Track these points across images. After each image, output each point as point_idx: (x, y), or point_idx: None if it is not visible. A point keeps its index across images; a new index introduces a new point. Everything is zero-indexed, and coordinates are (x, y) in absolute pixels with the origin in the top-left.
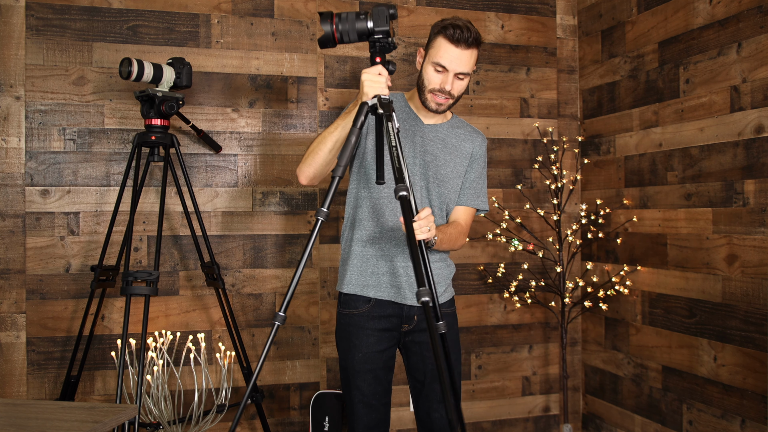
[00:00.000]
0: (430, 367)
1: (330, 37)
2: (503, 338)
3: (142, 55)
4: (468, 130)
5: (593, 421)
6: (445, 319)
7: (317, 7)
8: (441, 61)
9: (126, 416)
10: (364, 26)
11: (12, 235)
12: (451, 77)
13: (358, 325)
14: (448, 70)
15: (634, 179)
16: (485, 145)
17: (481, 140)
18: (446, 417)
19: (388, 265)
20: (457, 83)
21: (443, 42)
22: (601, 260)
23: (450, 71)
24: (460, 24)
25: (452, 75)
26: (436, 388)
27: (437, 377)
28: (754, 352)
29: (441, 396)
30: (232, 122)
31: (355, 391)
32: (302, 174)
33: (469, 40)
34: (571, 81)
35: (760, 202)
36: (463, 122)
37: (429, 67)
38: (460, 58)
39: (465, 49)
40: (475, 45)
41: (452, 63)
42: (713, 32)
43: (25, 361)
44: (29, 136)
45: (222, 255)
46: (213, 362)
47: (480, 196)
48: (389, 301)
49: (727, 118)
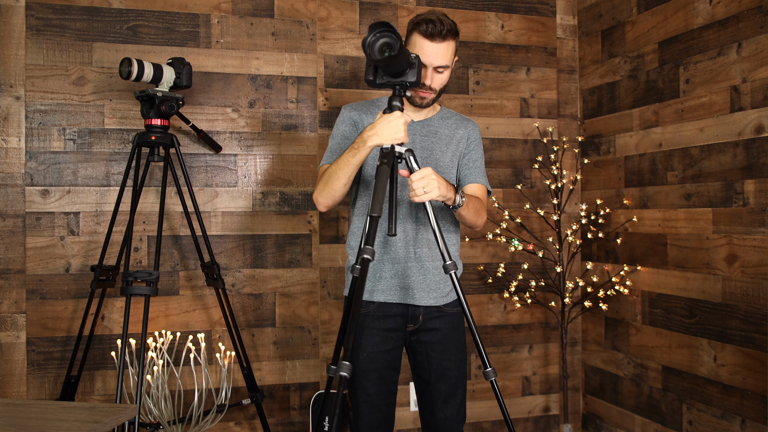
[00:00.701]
0: (435, 366)
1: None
2: (503, 338)
3: (142, 55)
4: (458, 119)
5: (593, 421)
6: (450, 319)
7: (317, 7)
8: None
9: (126, 416)
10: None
11: (12, 235)
12: (431, 72)
13: (363, 325)
14: (427, 65)
15: (634, 179)
16: (478, 131)
17: (473, 125)
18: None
19: (395, 268)
20: (437, 77)
21: (418, 38)
22: (601, 260)
23: (428, 66)
24: (433, 18)
25: (431, 69)
26: (441, 388)
27: (442, 377)
28: (754, 352)
29: (446, 396)
30: (232, 122)
31: (360, 391)
32: (321, 204)
33: (443, 32)
34: (571, 81)
35: (760, 202)
36: (452, 113)
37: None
38: (437, 52)
39: (441, 42)
40: (450, 36)
41: (429, 58)
42: (713, 32)
43: (25, 361)
44: (29, 136)
45: (222, 255)
46: (213, 362)
47: (484, 176)
48: (395, 302)
49: (727, 118)
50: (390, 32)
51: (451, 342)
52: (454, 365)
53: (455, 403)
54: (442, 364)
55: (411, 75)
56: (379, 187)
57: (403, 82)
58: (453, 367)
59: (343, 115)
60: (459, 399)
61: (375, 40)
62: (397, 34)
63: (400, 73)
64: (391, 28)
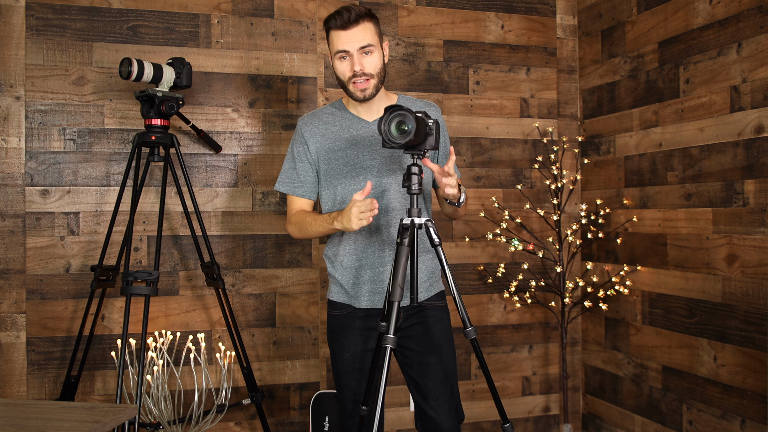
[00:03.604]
0: (418, 361)
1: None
2: (503, 338)
3: (142, 55)
4: (419, 105)
5: (593, 421)
6: (432, 312)
7: (317, 7)
8: (338, 48)
9: (126, 416)
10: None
11: (12, 235)
12: (357, 56)
13: (345, 326)
14: (349, 51)
15: (634, 179)
16: (440, 112)
17: (435, 108)
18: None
19: (374, 273)
20: (366, 59)
21: (333, 33)
22: (601, 260)
23: (351, 52)
24: (340, 10)
25: (356, 54)
26: (429, 384)
27: (427, 371)
28: (754, 352)
29: (436, 393)
30: (232, 122)
31: (346, 390)
32: (295, 237)
33: (352, 18)
34: (571, 81)
35: (760, 202)
36: (411, 99)
37: (335, 62)
38: (353, 35)
39: (353, 27)
40: (363, 19)
41: (347, 44)
42: (713, 32)
43: (25, 361)
44: (29, 136)
45: (222, 255)
46: (213, 362)
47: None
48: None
49: (727, 118)
50: (397, 109)
51: (433, 335)
52: (436, 359)
53: (444, 399)
54: (425, 358)
55: (429, 142)
56: (399, 270)
57: (420, 150)
58: (436, 361)
59: (296, 131)
60: (447, 395)
61: (387, 125)
62: (405, 109)
63: (422, 141)
64: (396, 107)
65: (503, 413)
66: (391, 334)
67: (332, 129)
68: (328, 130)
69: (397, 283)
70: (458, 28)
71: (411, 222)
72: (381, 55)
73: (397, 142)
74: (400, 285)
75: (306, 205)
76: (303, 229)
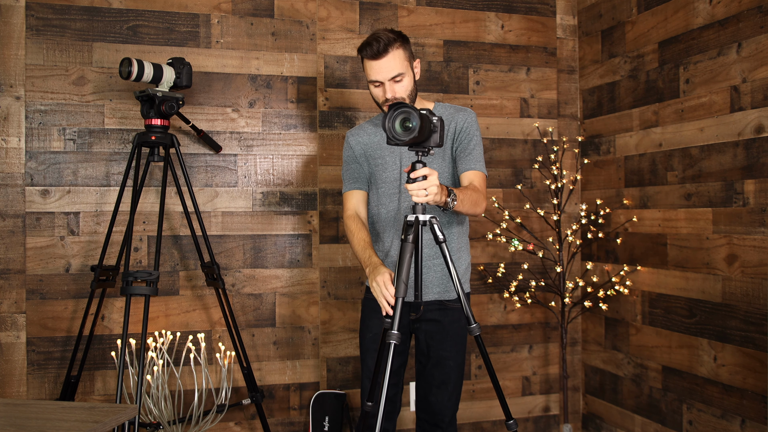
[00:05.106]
0: (433, 354)
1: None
2: (503, 338)
3: (142, 55)
4: (450, 112)
5: (593, 421)
6: (452, 313)
7: (317, 7)
8: (372, 78)
9: (126, 416)
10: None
11: (12, 235)
12: (388, 85)
13: (373, 309)
14: (382, 81)
15: (634, 179)
16: (472, 118)
17: (465, 114)
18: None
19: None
20: (397, 86)
21: (366, 62)
22: (601, 260)
23: (384, 81)
24: (370, 40)
25: (387, 84)
26: (436, 374)
27: (438, 364)
28: (754, 352)
29: (439, 382)
30: (232, 122)
31: (364, 367)
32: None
33: (380, 49)
34: (571, 81)
35: (760, 202)
36: (447, 106)
37: (371, 87)
38: (385, 67)
39: (383, 58)
40: (391, 46)
41: (379, 75)
42: (713, 32)
43: (25, 361)
44: (29, 136)
45: (222, 255)
46: (213, 362)
47: (480, 161)
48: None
49: (727, 118)
50: (402, 107)
51: (449, 334)
52: (450, 355)
53: (447, 390)
54: (439, 353)
55: (434, 139)
56: (403, 267)
57: (425, 147)
58: (449, 357)
59: (345, 142)
60: (451, 387)
61: (392, 122)
62: (409, 106)
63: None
64: (401, 104)
65: (507, 410)
66: (395, 329)
67: (374, 139)
68: (370, 140)
69: (401, 279)
70: (458, 28)
71: (415, 219)
72: (412, 77)
73: (401, 140)
74: (404, 281)
75: (361, 197)
76: (350, 241)
